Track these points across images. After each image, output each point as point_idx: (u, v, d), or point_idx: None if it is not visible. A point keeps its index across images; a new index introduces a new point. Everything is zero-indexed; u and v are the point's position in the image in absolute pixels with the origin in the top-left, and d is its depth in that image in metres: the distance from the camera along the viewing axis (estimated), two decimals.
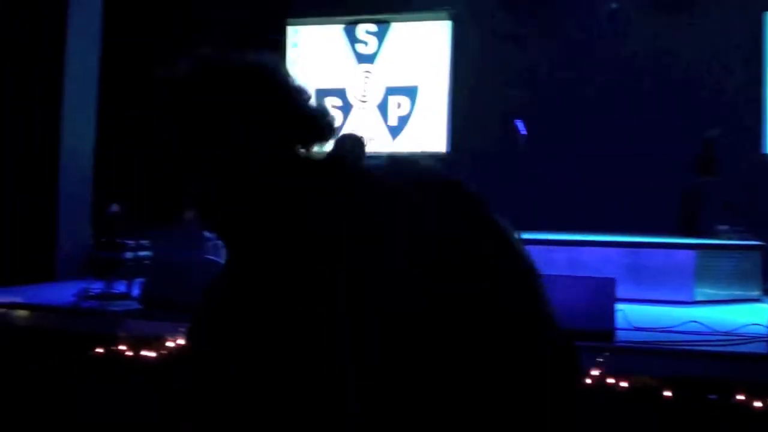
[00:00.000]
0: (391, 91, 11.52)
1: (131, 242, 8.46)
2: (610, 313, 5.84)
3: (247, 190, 1.66)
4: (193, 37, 11.63)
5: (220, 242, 1.76)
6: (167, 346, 5.62)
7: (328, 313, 1.53)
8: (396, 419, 1.52)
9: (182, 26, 11.82)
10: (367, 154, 1.45)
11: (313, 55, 11.86)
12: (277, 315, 1.58)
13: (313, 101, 1.71)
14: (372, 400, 1.52)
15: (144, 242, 8.41)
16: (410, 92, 11.42)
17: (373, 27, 11.56)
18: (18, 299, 7.09)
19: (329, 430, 1.54)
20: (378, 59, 11.57)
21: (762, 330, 5.94)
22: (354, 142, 6.30)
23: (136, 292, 7.18)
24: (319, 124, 1.71)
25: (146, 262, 7.98)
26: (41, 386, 6.25)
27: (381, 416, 1.52)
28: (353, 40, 11.67)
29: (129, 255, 8.39)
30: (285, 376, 1.56)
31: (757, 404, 4.80)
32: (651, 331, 6.19)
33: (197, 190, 1.70)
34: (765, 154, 10.51)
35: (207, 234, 8.41)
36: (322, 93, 11.74)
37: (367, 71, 11.60)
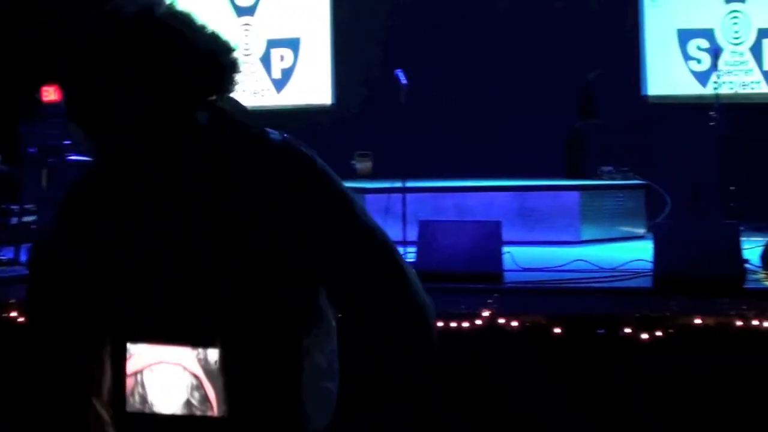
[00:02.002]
0: (273, 43, 11.30)
1: (15, 207, 8.21)
2: (498, 256, 5.91)
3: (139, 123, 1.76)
4: None
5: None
6: None
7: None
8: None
9: None
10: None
11: (191, 10, 11.51)
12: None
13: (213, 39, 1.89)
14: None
15: (29, 207, 8.17)
16: (292, 44, 11.25)
17: None
18: None
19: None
20: (257, 11, 11.36)
21: (646, 265, 6.07)
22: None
23: (23, 257, 6.98)
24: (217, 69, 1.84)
25: (33, 227, 7.78)
26: None
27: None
28: None
29: (14, 220, 8.15)
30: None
31: (644, 336, 4.91)
32: (538, 271, 6.28)
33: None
34: (645, 96, 10.65)
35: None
36: None
37: (246, 24, 11.38)
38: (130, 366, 1.85)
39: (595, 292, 5.57)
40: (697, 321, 5.07)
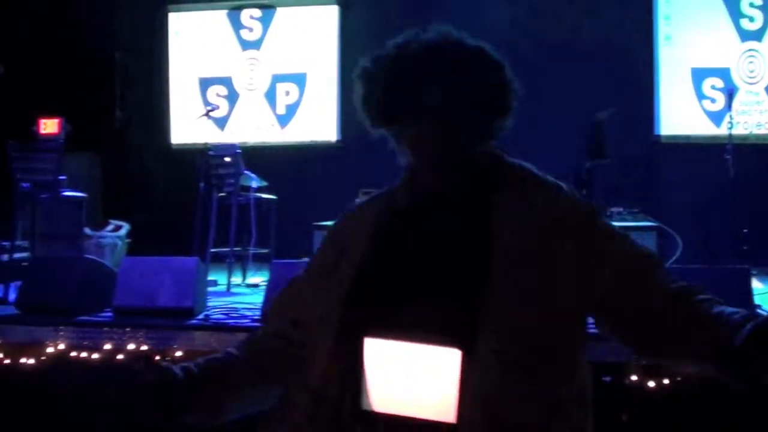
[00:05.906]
0: (279, 78, 11.20)
1: (6, 243, 8.02)
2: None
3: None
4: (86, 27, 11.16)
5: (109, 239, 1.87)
6: (46, 353, 5.28)
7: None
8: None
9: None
10: None
11: (197, 42, 11.46)
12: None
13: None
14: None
15: (21, 243, 8.00)
16: (298, 79, 11.14)
17: (257, 12, 11.25)
18: None
19: None
20: (264, 45, 11.25)
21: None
22: None
23: (12, 296, 6.79)
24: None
25: (24, 264, 7.59)
26: None
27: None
28: (237, 26, 11.30)
29: (5, 257, 7.98)
30: None
31: (650, 384, 4.71)
32: None
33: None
34: (657, 136, 10.52)
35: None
36: (207, 82, 11.43)
37: (252, 58, 11.27)
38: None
39: None
40: None
